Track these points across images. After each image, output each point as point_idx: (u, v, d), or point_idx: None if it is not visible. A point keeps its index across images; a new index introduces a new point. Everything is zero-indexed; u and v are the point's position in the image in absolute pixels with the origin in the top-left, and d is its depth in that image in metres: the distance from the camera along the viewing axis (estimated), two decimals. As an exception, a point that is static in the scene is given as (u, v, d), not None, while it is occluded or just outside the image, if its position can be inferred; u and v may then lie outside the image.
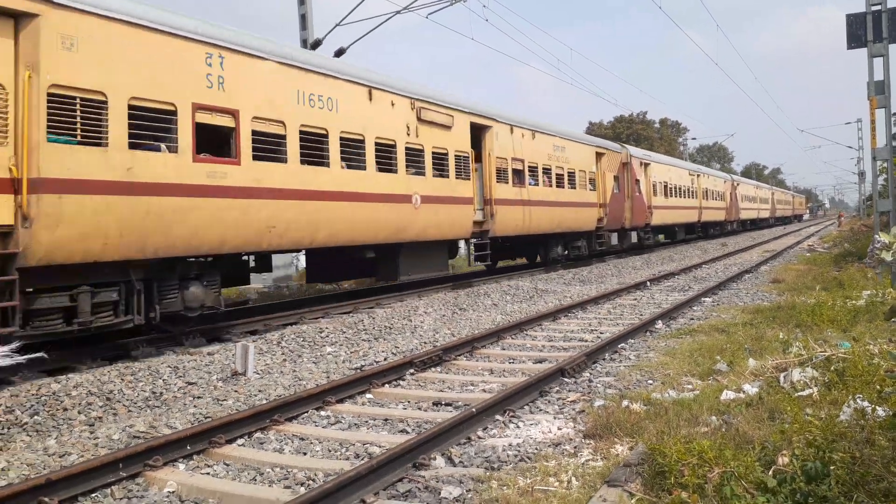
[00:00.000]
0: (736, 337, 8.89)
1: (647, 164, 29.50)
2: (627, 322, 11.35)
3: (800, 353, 6.78)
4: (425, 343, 10.01)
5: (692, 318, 11.61)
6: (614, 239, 25.50)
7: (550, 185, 20.41)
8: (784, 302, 11.91)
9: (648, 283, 17.12)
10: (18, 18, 7.57)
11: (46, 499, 4.42)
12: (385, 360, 8.87)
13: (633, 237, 27.86)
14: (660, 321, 11.06)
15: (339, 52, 16.66)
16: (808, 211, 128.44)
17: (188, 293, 9.67)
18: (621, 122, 79.38)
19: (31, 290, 7.84)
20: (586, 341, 9.77)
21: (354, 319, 11.77)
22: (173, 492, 4.77)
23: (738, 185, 50.50)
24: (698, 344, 8.76)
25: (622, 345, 9.36)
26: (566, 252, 22.59)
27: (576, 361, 7.87)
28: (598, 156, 24.41)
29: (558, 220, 20.82)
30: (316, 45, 16.97)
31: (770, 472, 3.72)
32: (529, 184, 18.97)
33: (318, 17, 18.39)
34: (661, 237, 37.90)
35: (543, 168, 20.10)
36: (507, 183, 17.79)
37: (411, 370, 8.13)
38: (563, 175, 21.27)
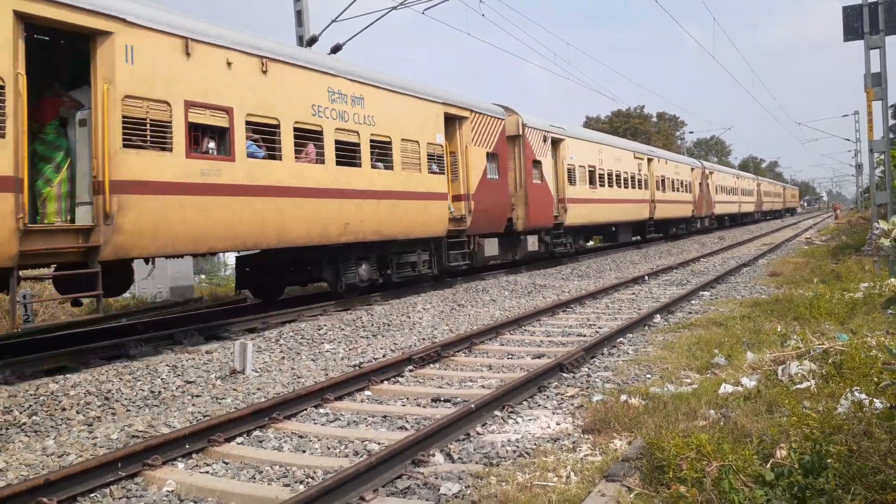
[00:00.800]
0: (734, 330, 8.90)
1: (557, 141, 21.62)
2: (625, 316, 11.36)
3: (798, 346, 6.78)
4: (423, 339, 10.01)
5: (690, 312, 11.62)
6: (492, 247, 17.70)
7: (320, 161, 11.89)
8: (782, 295, 11.92)
9: (647, 278, 17.14)
10: None
11: (45, 499, 4.41)
12: (383, 356, 8.87)
13: (532, 243, 19.87)
14: (658, 315, 11.07)
15: (336, 49, 16.64)
16: (804, 203, 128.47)
17: None
18: (619, 116, 79.47)
19: None
20: (584, 336, 9.77)
21: (353, 316, 11.77)
22: (172, 491, 4.76)
23: (711, 173, 42.95)
24: (696, 338, 8.77)
25: (620, 339, 9.37)
26: (387, 271, 14.46)
27: (574, 356, 7.88)
28: (453, 120, 16.01)
29: (345, 221, 12.29)
30: (312, 41, 16.95)
31: (768, 466, 3.73)
32: (254, 156, 10.60)
33: (315, 14, 18.32)
34: (597, 239, 31.23)
35: (300, 130, 11.52)
36: (166, 150, 9.18)
37: (410, 367, 8.13)
38: (356, 144, 12.74)
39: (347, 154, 12.57)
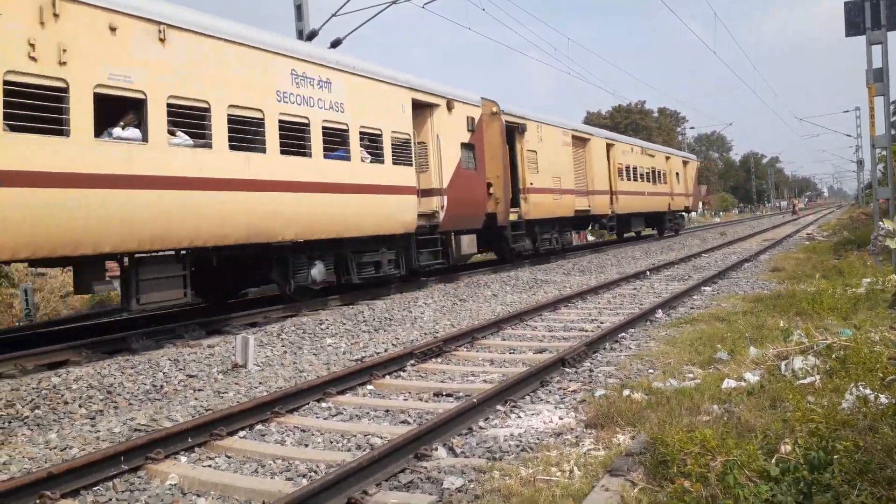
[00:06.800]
0: (736, 325, 8.88)
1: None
2: (627, 311, 11.34)
3: (801, 341, 6.77)
4: (426, 334, 10.01)
5: (692, 308, 11.60)
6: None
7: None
8: (784, 290, 11.89)
9: (648, 273, 17.12)
10: None
11: (48, 492, 4.41)
12: (385, 351, 8.87)
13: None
14: (660, 310, 11.06)
15: (336, 43, 16.60)
16: (806, 199, 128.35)
17: None
18: (619, 111, 79.36)
19: None
20: (587, 331, 9.76)
21: (354, 311, 11.75)
22: (175, 484, 4.76)
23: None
24: (699, 333, 8.75)
25: (622, 334, 9.35)
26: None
27: (576, 351, 7.87)
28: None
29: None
30: (312, 35, 16.90)
31: (773, 461, 3.72)
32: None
33: (314, 8, 18.29)
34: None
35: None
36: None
37: (412, 361, 8.13)
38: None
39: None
